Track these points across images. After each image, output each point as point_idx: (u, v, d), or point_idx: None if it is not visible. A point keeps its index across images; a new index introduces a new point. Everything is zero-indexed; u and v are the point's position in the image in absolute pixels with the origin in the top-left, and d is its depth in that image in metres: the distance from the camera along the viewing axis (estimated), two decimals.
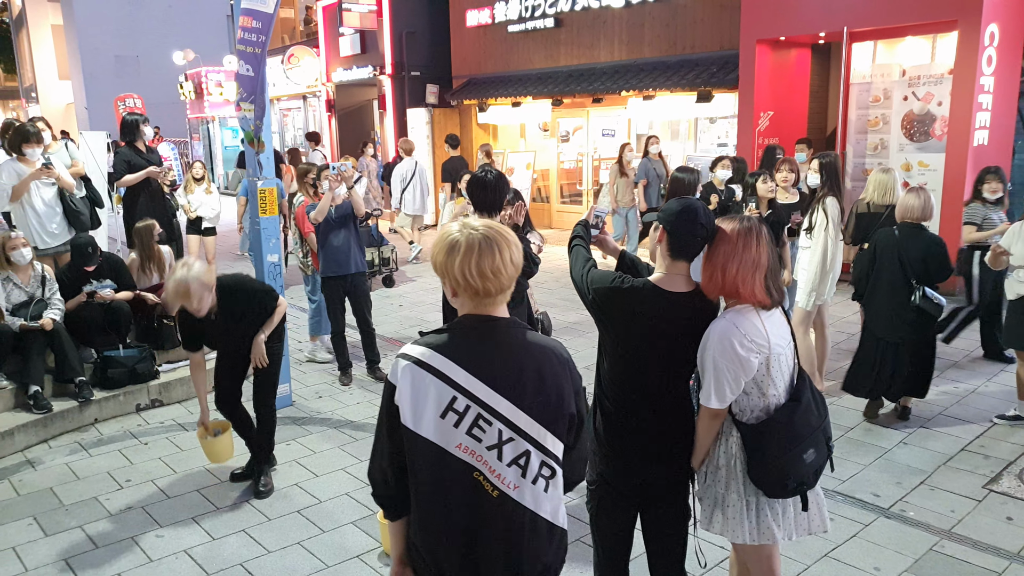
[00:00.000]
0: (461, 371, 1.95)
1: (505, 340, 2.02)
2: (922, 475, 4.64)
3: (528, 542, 2.01)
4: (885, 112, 9.24)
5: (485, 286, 1.96)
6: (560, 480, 2.06)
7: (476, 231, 1.98)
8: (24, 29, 36.09)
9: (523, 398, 1.98)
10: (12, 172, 6.28)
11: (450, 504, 1.98)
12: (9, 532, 4.23)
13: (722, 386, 2.52)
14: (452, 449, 1.95)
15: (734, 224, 2.59)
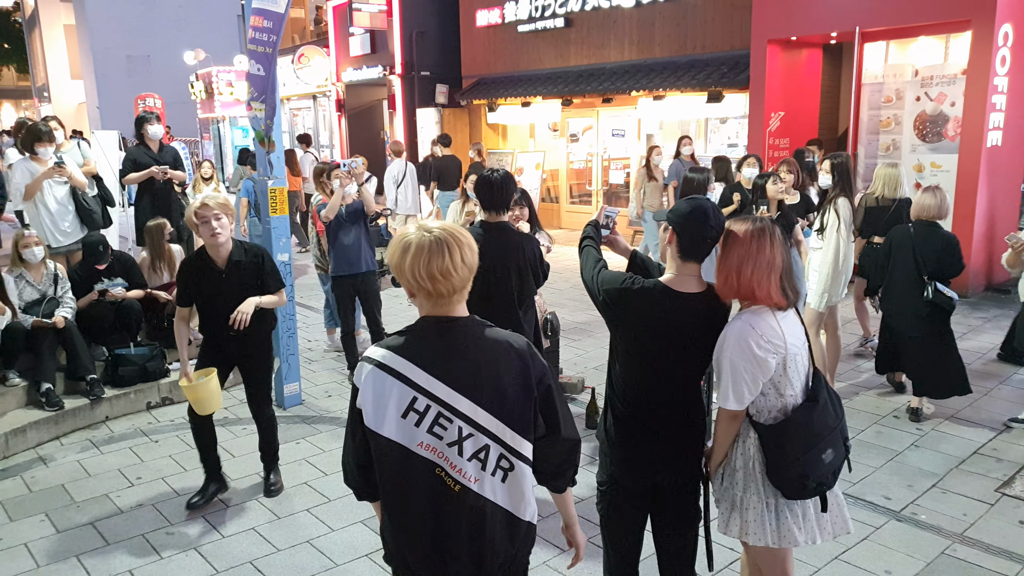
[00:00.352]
0: (421, 372, 2.02)
1: (463, 340, 2.08)
2: (934, 478, 4.61)
3: (489, 532, 2.07)
4: (897, 113, 9.20)
5: (436, 288, 2.02)
6: (522, 474, 2.10)
7: (429, 233, 2.02)
8: (37, 29, 36.32)
9: (481, 395, 2.04)
10: (25, 171, 6.33)
11: (414, 499, 2.05)
12: (22, 528, 4.26)
13: (740, 387, 2.51)
14: (414, 448, 2.02)
15: (747, 226, 2.57)
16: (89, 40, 30.56)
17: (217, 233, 4.03)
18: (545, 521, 4.23)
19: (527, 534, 2.17)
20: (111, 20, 30.00)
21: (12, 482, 4.82)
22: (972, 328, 7.56)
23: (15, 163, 6.44)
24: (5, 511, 4.45)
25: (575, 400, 5.98)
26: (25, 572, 3.84)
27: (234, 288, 4.18)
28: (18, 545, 4.08)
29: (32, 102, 41.90)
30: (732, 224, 2.61)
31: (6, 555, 3.99)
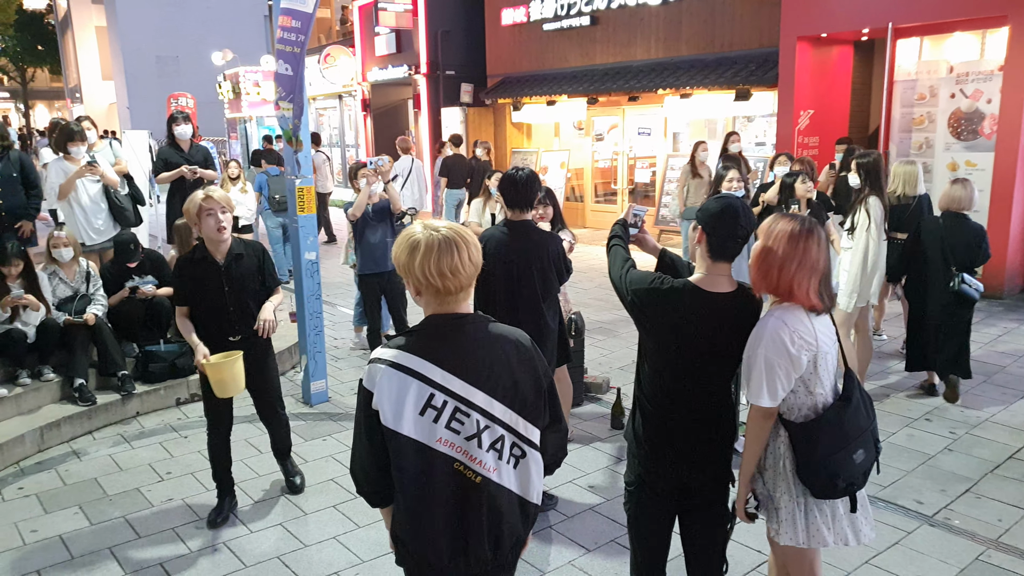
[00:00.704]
0: (436, 369, 2.05)
1: (473, 335, 2.12)
2: (968, 483, 4.53)
3: (506, 517, 2.15)
4: (931, 110, 9.06)
5: (445, 285, 2.06)
6: (532, 460, 2.18)
7: (437, 232, 2.07)
8: (69, 31, 36.94)
9: (496, 388, 2.09)
10: (59, 171, 6.44)
11: (436, 494, 2.09)
12: (56, 520, 4.33)
13: (774, 383, 2.48)
14: (433, 444, 2.06)
15: (794, 224, 2.53)
16: (120, 41, 31.01)
17: (223, 227, 3.95)
18: (571, 521, 4.22)
19: (533, 514, 2.25)
20: (141, 22, 30.42)
21: (47, 475, 4.91)
22: (1008, 331, 7.43)
23: (50, 163, 6.56)
24: (41, 503, 4.54)
25: (600, 400, 5.96)
26: (60, 563, 3.91)
27: (235, 282, 4.06)
28: (53, 537, 4.16)
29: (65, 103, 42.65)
30: (778, 221, 2.57)
31: (41, 546, 4.07)
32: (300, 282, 5.98)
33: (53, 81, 47.14)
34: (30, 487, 4.74)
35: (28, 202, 6.43)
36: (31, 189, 6.45)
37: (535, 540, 4.03)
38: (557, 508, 4.35)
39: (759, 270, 2.56)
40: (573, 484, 4.64)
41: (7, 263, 5.43)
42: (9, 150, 6.31)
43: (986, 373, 6.29)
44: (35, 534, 4.19)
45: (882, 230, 5.55)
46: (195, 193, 3.93)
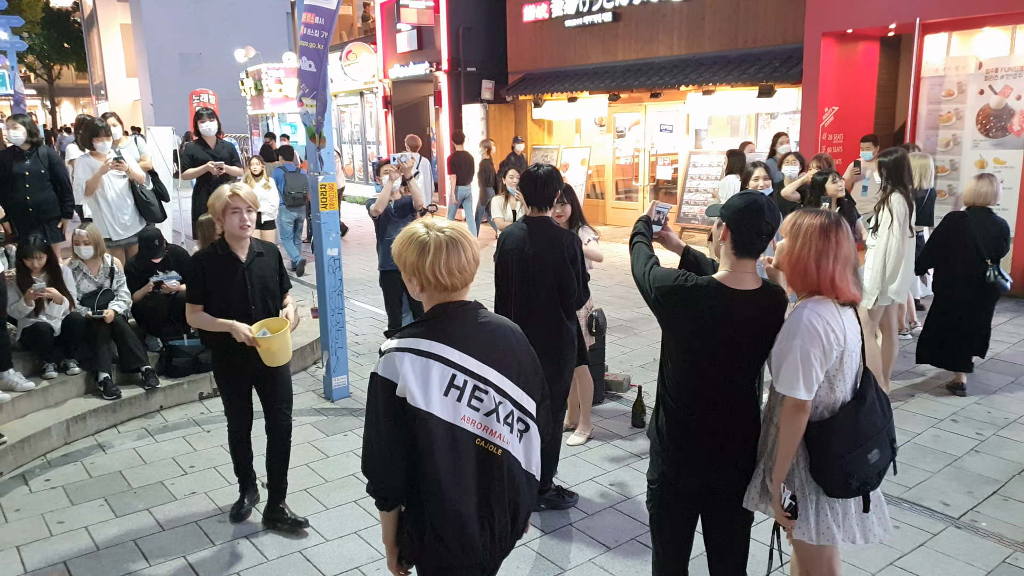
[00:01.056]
0: (454, 351, 2.16)
1: (477, 318, 2.26)
2: (995, 484, 4.47)
3: (520, 489, 2.29)
4: (959, 107, 8.92)
5: (453, 282, 2.18)
6: (533, 433, 2.32)
7: (442, 232, 2.18)
8: (95, 29, 37.33)
9: (504, 365, 2.24)
10: (86, 167, 6.51)
11: (464, 471, 2.17)
12: (83, 512, 4.39)
13: (810, 374, 2.45)
14: (459, 422, 2.16)
15: (821, 218, 2.51)
16: (144, 39, 31.31)
17: (247, 225, 3.88)
18: (592, 519, 4.21)
19: (536, 486, 2.39)
20: (165, 19, 30.69)
21: (73, 467, 4.97)
22: None
23: (76, 160, 6.64)
24: (67, 495, 4.60)
25: (621, 398, 5.94)
26: (86, 554, 3.96)
27: (257, 280, 3.97)
28: (79, 528, 4.21)
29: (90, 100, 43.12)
30: (802, 217, 2.54)
31: (68, 537, 4.12)
32: (322, 278, 6.01)
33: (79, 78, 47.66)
34: (56, 479, 4.81)
35: (61, 199, 6.52)
36: (59, 186, 6.53)
37: (556, 538, 4.04)
38: (578, 506, 4.34)
39: (795, 271, 2.53)
40: (594, 482, 4.63)
41: (30, 256, 5.49)
42: (38, 147, 6.39)
43: (1014, 374, 6.19)
44: (61, 525, 4.25)
45: (907, 227, 5.48)
46: (221, 188, 3.87)
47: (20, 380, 5.43)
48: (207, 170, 7.25)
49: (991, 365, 6.40)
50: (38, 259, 5.54)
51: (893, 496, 4.34)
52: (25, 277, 5.54)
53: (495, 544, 2.24)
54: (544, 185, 4.17)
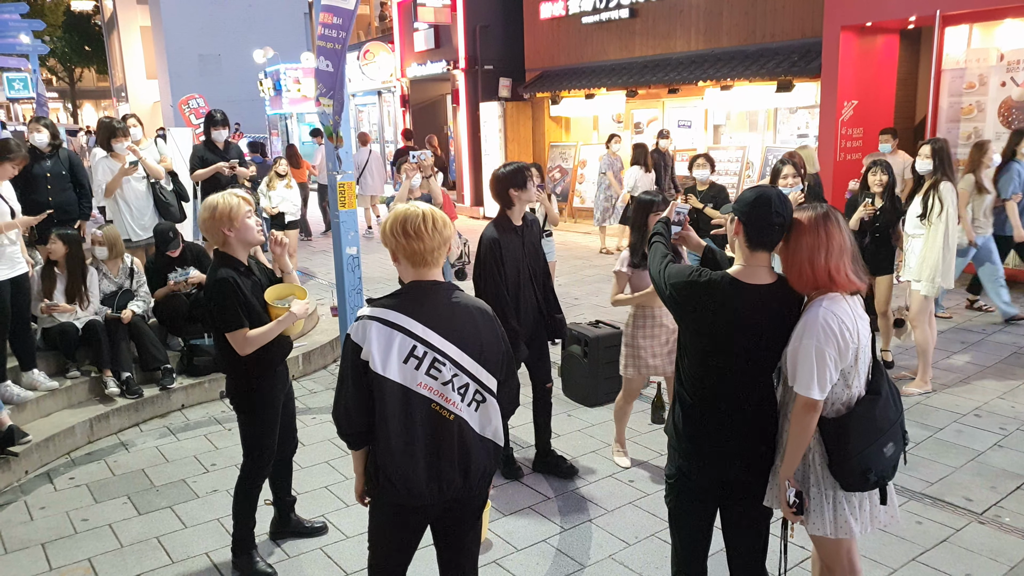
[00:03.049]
0: (418, 324, 2.43)
1: (446, 298, 2.52)
2: (1019, 480, 4.41)
3: (473, 451, 2.53)
4: (980, 99, 8.80)
5: (409, 244, 2.45)
6: (491, 405, 2.57)
7: (416, 207, 2.50)
8: (115, 31, 37.74)
9: (465, 343, 2.48)
10: (106, 168, 6.58)
11: (416, 430, 2.46)
12: (106, 510, 4.45)
13: (824, 374, 2.44)
14: (415, 387, 2.44)
15: (810, 213, 2.53)
16: (164, 41, 31.63)
17: (260, 230, 3.57)
18: (611, 515, 4.21)
19: (495, 452, 2.63)
20: (184, 21, 30.98)
21: (97, 465, 5.04)
22: None
23: (96, 161, 6.69)
24: (91, 493, 4.66)
25: (640, 395, 5.91)
26: (110, 551, 4.01)
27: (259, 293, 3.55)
28: (103, 525, 4.27)
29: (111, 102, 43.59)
30: (797, 216, 2.55)
31: (93, 535, 4.18)
32: (341, 276, 6.04)
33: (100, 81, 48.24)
34: (80, 477, 4.88)
35: (80, 200, 6.57)
36: (80, 187, 6.60)
37: (575, 534, 4.05)
38: (598, 503, 4.35)
39: (792, 270, 2.54)
40: (613, 479, 4.63)
41: (44, 243, 5.54)
42: (59, 148, 6.47)
43: None
44: (86, 523, 4.31)
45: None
46: (219, 197, 3.44)
47: (44, 380, 5.51)
48: (218, 170, 7.19)
49: (1015, 359, 6.32)
50: (54, 243, 5.58)
51: (916, 492, 4.31)
52: (49, 277, 5.61)
53: (442, 492, 2.51)
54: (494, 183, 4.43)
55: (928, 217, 5.44)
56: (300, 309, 3.51)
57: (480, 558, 3.64)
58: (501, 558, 3.85)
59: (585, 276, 10.10)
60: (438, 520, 2.66)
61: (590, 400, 5.75)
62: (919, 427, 5.11)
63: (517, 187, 4.32)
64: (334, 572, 3.78)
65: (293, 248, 9.91)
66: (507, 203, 4.37)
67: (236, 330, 3.38)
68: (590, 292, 9.22)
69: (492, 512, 4.22)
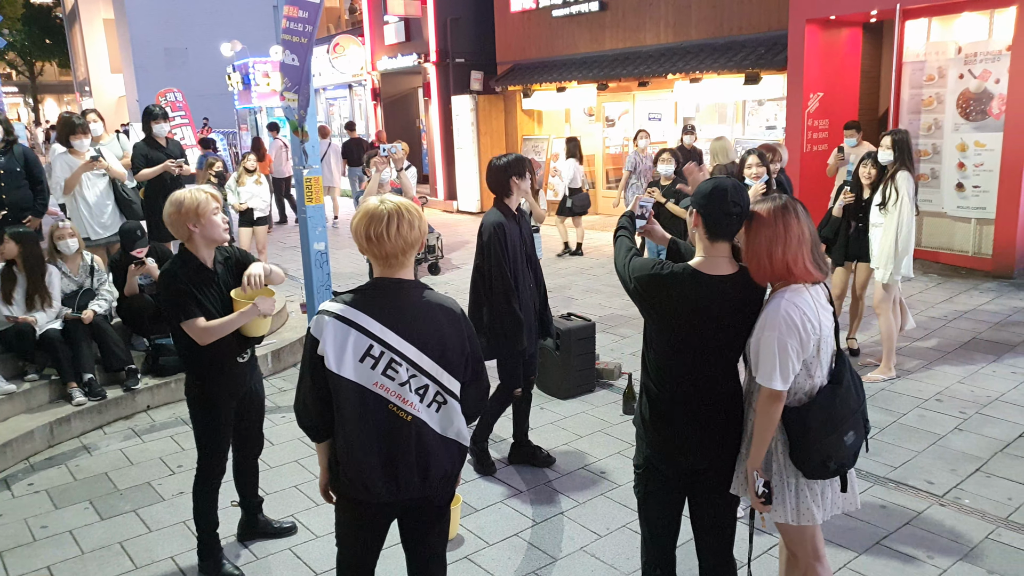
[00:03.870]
0: (376, 323, 2.40)
1: (410, 298, 2.48)
2: (978, 462, 4.51)
3: (432, 452, 2.49)
4: (940, 91, 8.94)
5: (370, 248, 2.43)
6: (452, 407, 2.52)
7: (384, 204, 2.45)
8: (77, 24, 37.01)
9: (425, 344, 2.44)
10: (64, 165, 6.42)
11: (371, 430, 2.43)
12: (66, 516, 4.37)
13: (787, 365, 2.47)
14: (370, 387, 2.41)
15: (768, 205, 2.55)
16: (128, 34, 31.05)
17: (227, 228, 3.51)
18: (582, 507, 4.24)
19: (459, 451, 2.59)
20: (149, 13, 30.42)
21: (57, 470, 4.94)
22: (1018, 310, 7.36)
23: (54, 157, 6.52)
24: (51, 499, 4.57)
25: (612, 386, 5.96)
26: (70, 558, 3.94)
27: (225, 291, 3.51)
28: (63, 532, 4.19)
29: (74, 96, 42.78)
30: (757, 209, 2.59)
31: (52, 542, 4.10)
32: (309, 273, 6.00)
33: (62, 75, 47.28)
34: (40, 483, 4.78)
35: (35, 197, 6.40)
36: (36, 184, 6.42)
37: (547, 527, 4.06)
38: (569, 495, 4.37)
39: (751, 262, 2.57)
40: (585, 470, 4.65)
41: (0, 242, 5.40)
42: (13, 144, 6.31)
43: (997, 352, 6.24)
44: (45, 530, 4.22)
45: (914, 203, 5.61)
46: (188, 192, 3.38)
47: (1, 383, 5.37)
48: (166, 169, 6.88)
49: (975, 345, 6.45)
50: (7, 243, 5.44)
51: (880, 476, 4.38)
52: (9, 278, 5.49)
53: (400, 491, 2.48)
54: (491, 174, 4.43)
55: (886, 206, 5.55)
56: (265, 305, 3.46)
57: (451, 554, 3.65)
58: (472, 553, 3.85)
59: (558, 269, 10.12)
60: (402, 518, 2.64)
61: (562, 393, 5.77)
62: (883, 413, 5.19)
63: (519, 175, 4.38)
64: (303, 572, 3.76)
65: (262, 244, 9.81)
66: (505, 192, 4.40)
67: (189, 319, 3.34)
68: (562, 285, 9.24)
69: (463, 507, 4.23)
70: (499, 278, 4.30)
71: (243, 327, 3.48)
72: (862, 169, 5.97)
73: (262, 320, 3.53)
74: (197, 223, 3.37)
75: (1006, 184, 8.30)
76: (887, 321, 5.75)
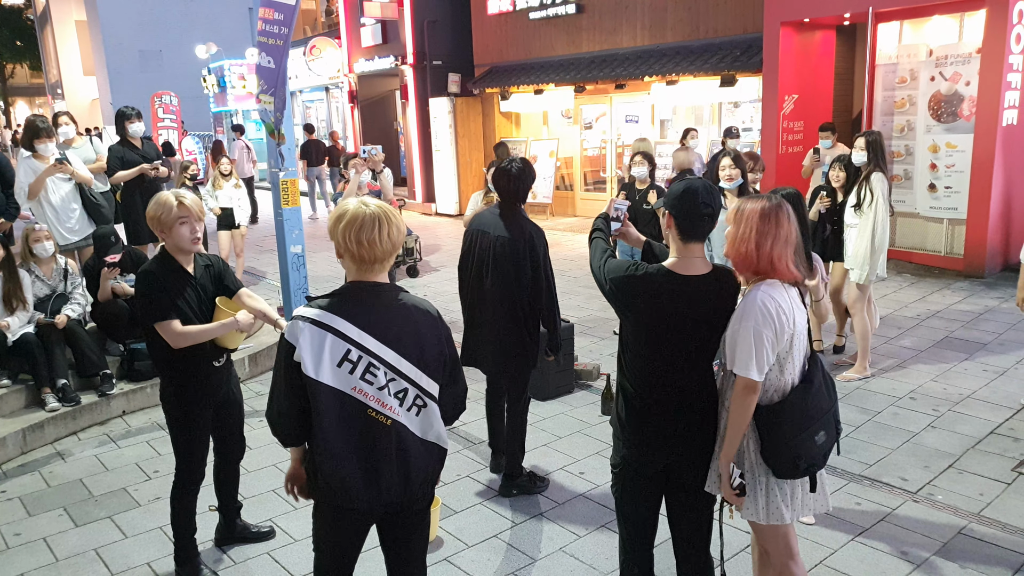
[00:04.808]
0: (354, 328, 2.37)
1: (387, 301, 2.45)
2: (950, 458, 4.58)
3: (412, 453, 2.48)
4: (912, 93, 9.07)
5: (360, 253, 2.38)
6: (432, 410, 2.51)
7: (367, 207, 2.40)
8: (48, 26, 36.56)
9: (403, 347, 2.42)
10: (28, 169, 6.29)
11: (351, 435, 2.41)
12: (40, 523, 4.30)
13: (761, 354, 2.50)
14: (349, 391, 2.38)
15: (763, 203, 2.59)
16: (101, 36, 30.74)
17: (198, 237, 3.46)
18: (561, 507, 4.25)
19: (439, 455, 2.58)
20: (122, 15, 30.14)
21: (31, 477, 4.87)
22: (989, 309, 7.49)
23: (19, 161, 6.41)
24: (24, 506, 4.50)
25: (590, 387, 5.98)
26: (44, 566, 3.88)
27: (204, 296, 3.50)
28: (37, 540, 4.13)
29: (46, 99, 42.22)
30: (746, 203, 2.63)
31: (25, 549, 4.04)
32: (286, 276, 5.98)
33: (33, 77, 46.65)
34: (12, 490, 4.70)
35: (7, 201, 6.30)
36: (7, 188, 6.32)
37: (526, 527, 4.07)
38: (548, 495, 4.37)
39: (737, 253, 2.60)
40: (564, 471, 4.66)
41: None
42: None
43: (968, 351, 6.34)
44: (18, 537, 4.16)
45: (888, 204, 5.68)
46: (164, 197, 3.37)
47: None
48: (142, 171, 6.87)
49: (947, 343, 6.54)
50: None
51: (855, 473, 4.44)
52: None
53: (381, 496, 2.46)
54: (516, 179, 4.25)
55: (860, 207, 5.62)
56: (245, 319, 3.49)
57: (431, 555, 3.65)
58: (452, 555, 3.84)
59: None
60: (381, 522, 2.62)
61: (541, 394, 5.77)
62: (858, 411, 5.26)
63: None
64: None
65: (240, 247, 9.72)
66: (523, 199, 4.34)
67: (163, 320, 3.31)
68: None
69: (443, 509, 4.22)
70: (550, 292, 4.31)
71: (220, 338, 3.49)
72: (831, 172, 6.05)
73: (238, 334, 3.55)
74: (167, 230, 3.37)
75: (976, 185, 8.44)
76: (862, 321, 5.82)
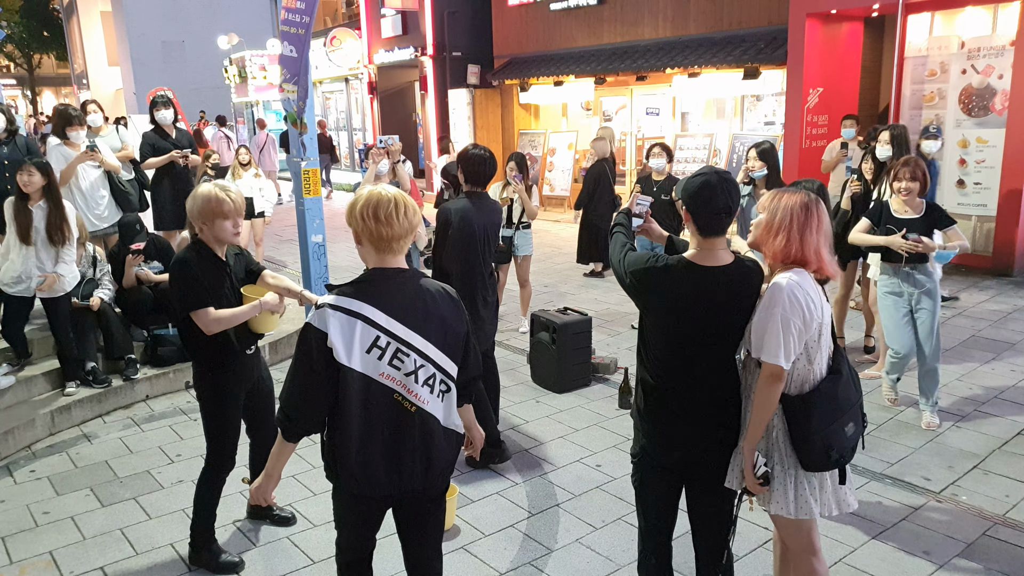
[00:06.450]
0: (381, 314, 2.38)
1: (411, 286, 2.47)
2: (975, 459, 4.52)
3: (435, 442, 2.51)
4: (942, 86, 8.94)
5: (379, 230, 2.38)
6: (454, 395, 2.55)
7: (384, 191, 2.44)
8: (75, 16, 36.88)
9: (429, 332, 2.44)
10: (60, 156, 6.39)
11: (377, 420, 2.43)
12: (68, 502, 4.38)
13: (789, 342, 2.47)
14: (377, 377, 2.39)
15: (803, 195, 2.57)
16: (125, 27, 30.97)
17: (239, 230, 3.50)
18: (578, 499, 4.24)
19: (457, 441, 2.62)
20: (146, 6, 30.35)
21: (59, 458, 4.95)
22: (1018, 308, 7.38)
23: (49, 149, 6.51)
24: (52, 486, 4.58)
25: (608, 380, 5.96)
26: (72, 543, 3.95)
27: (237, 283, 3.58)
28: (65, 518, 4.21)
29: (71, 89, 42.63)
30: (785, 194, 2.59)
31: (54, 527, 4.12)
32: (307, 265, 6.01)
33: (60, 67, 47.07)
34: (41, 470, 4.79)
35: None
36: None
37: (543, 518, 4.07)
38: (565, 487, 4.37)
39: (777, 242, 2.55)
40: (581, 463, 4.66)
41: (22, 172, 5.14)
42: (15, 135, 6.30)
43: (995, 350, 6.26)
44: (47, 515, 4.24)
45: None
46: (209, 190, 3.38)
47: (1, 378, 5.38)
48: (171, 159, 7.02)
49: (974, 343, 6.46)
50: (32, 174, 5.18)
51: (876, 472, 4.39)
52: (23, 216, 5.23)
53: (403, 482, 2.48)
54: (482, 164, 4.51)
55: None
56: (272, 298, 3.53)
57: (447, 544, 3.65)
58: (469, 544, 3.86)
59: (554, 264, 10.12)
60: (398, 508, 2.64)
61: (558, 386, 5.77)
62: (881, 409, 5.20)
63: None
64: (301, 560, 3.76)
65: (260, 237, 9.76)
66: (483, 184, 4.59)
67: (199, 308, 3.34)
68: (559, 280, 9.25)
69: (460, 498, 4.23)
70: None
71: (253, 322, 3.53)
72: (864, 164, 5.96)
73: (271, 316, 3.59)
74: (208, 222, 3.37)
75: (1008, 181, 8.30)
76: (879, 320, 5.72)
